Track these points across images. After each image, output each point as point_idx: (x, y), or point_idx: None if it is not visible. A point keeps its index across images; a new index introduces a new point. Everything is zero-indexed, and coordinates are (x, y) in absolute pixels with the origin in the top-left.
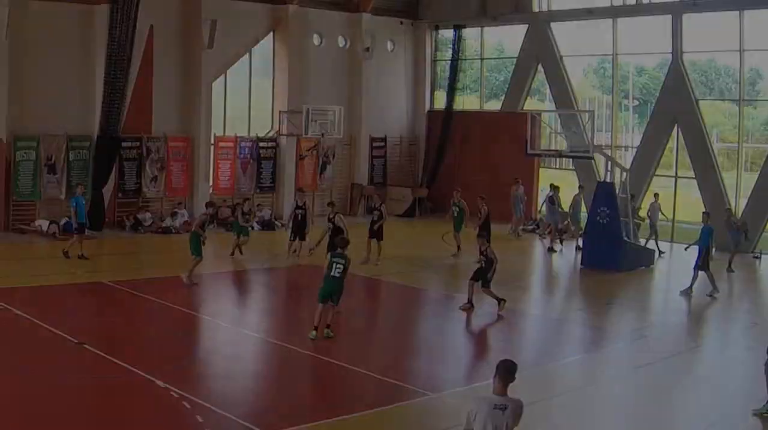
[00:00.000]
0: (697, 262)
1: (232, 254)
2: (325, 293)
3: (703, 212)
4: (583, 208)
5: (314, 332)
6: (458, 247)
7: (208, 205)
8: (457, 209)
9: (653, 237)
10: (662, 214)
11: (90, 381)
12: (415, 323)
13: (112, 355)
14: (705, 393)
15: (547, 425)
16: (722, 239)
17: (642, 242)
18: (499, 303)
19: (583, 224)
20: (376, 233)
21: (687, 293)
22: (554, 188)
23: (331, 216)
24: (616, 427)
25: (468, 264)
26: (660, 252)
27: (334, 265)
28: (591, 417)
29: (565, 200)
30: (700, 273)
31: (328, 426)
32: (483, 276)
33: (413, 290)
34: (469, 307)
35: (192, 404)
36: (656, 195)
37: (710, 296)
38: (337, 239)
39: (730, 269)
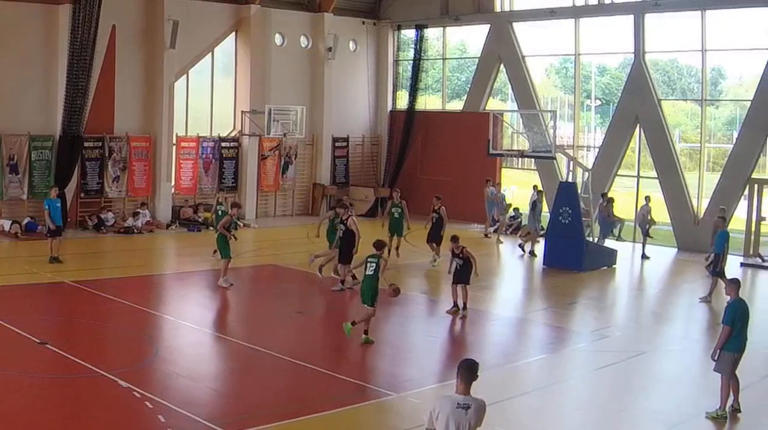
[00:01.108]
0: (714, 268)
1: (214, 253)
2: (365, 294)
3: (718, 217)
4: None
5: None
6: (389, 250)
7: (234, 205)
8: (399, 210)
9: (642, 240)
10: (651, 218)
11: (52, 381)
12: (378, 323)
13: (74, 355)
14: (667, 394)
15: (510, 425)
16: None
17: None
18: (462, 307)
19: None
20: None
21: (706, 300)
22: (539, 193)
23: (344, 218)
24: (578, 427)
25: (424, 265)
26: (645, 256)
27: (368, 264)
28: (553, 417)
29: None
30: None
31: (290, 426)
32: (463, 276)
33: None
34: (455, 310)
35: (154, 404)
36: (647, 198)
37: (703, 300)
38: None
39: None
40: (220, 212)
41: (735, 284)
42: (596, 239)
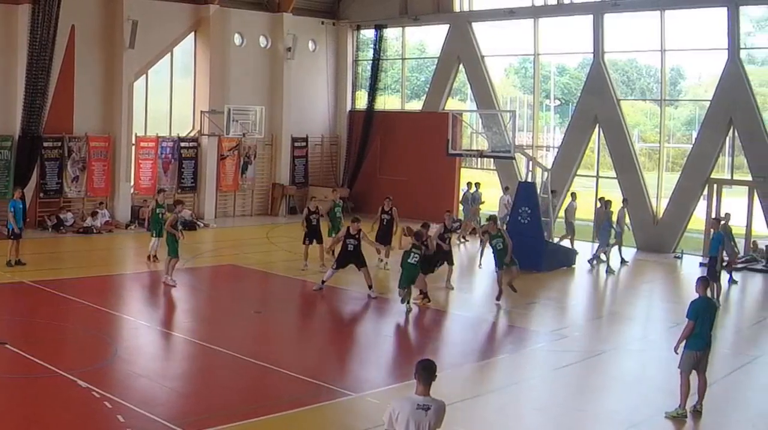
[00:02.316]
0: (709, 272)
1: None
2: (404, 279)
3: (713, 218)
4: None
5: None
6: (333, 252)
7: (177, 203)
8: (340, 209)
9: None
10: (626, 223)
11: (11, 381)
12: (338, 323)
13: (33, 355)
14: (626, 394)
15: (470, 425)
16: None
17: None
18: (424, 297)
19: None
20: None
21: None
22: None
23: (353, 232)
24: (538, 427)
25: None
26: (623, 260)
27: (412, 253)
28: (513, 417)
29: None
30: (723, 282)
31: (249, 426)
32: (429, 265)
33: (336, 290)
34: (423, 299)
35: (113, 404)
36: (625, 200)
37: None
38: (416, 232)
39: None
40: (159, 214)
41: (704, 282)
42: (599, 248)
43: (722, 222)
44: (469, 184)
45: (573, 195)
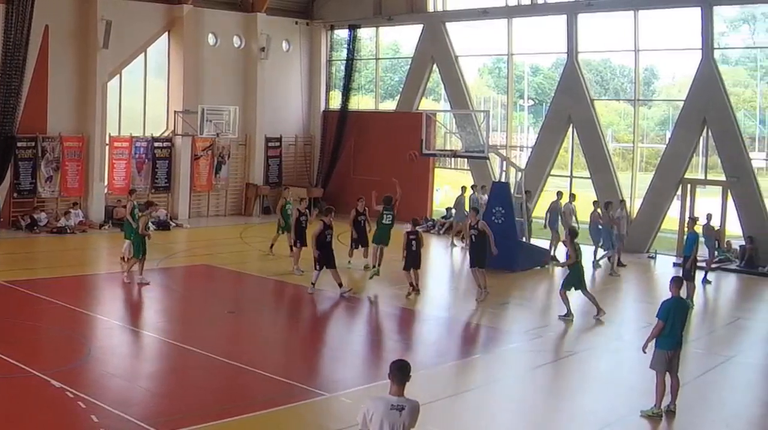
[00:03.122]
0: (685, 272)
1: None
2: (378, 237)
3: (689, 218)
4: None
5: (376, 268)
6: (272, 246)
7: (149, 204)
8: (291, 207)
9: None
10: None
11: None
12: (312, 323)
13: (6, 355)
14: (600, 394)
15: (444, 425)
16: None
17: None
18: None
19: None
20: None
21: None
22: (526, 193)
23: (329, 223)
24: (512, 427)
25: (357, 266)
26: (621, 264)
27: (385, 215)
28: (487, 417)
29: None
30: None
31: (224, 426)
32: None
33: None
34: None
35: (87, 404)
36: (622, 202)
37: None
38: (385, 197)
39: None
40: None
41: (676, 282)
42: (600, 252)
43: (707, 223)
44: (464, 188)
45: (621, 202)
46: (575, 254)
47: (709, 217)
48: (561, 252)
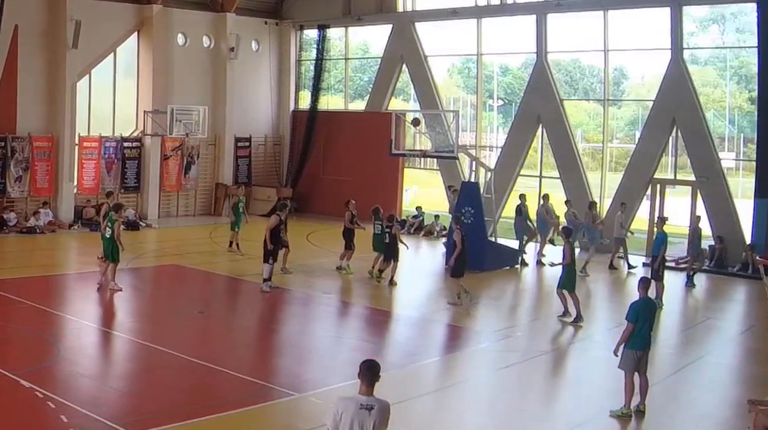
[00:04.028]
0: (653, 272)
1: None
2: (376, 246)
3: (658, 218)
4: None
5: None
6: (234, 244)
7: (117, 206)
8: (243, 205)
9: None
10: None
11: None
12: (280, 323)
13: None
14: (569, 394)
15: (413, 425)
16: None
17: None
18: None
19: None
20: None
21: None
22: (521, 197)
23: (284, 218)
24: (481, 427)
25: (328, 265)
26: (630, 266)
27: (375, 225)
28: (456, 417)
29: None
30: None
31: (194, 426)
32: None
33: (278, 290)
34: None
35: (57, 404)
36: (623, 205)
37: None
38: (373, 209)
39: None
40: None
41: (644, 282)
42: (590, 251)
43: (695, 225)
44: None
45: (623, 205)
46: (571, 254)
47: (697, 219)
48: (553, 252)
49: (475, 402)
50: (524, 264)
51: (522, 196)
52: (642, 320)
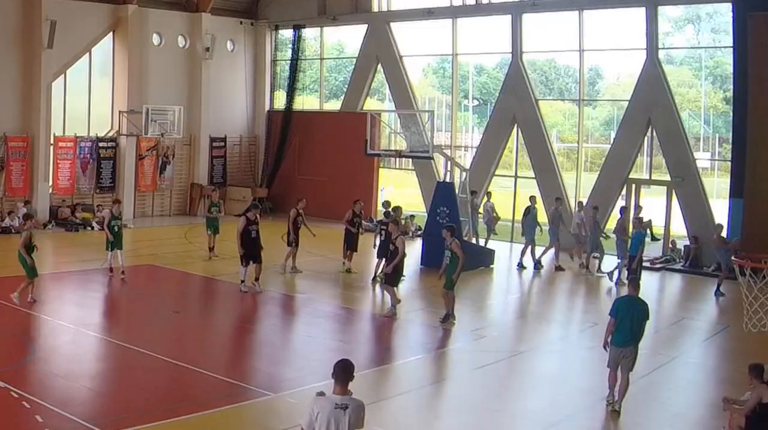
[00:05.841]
0: (630, 271)
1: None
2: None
3: (634, 218)
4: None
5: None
6: (211, 248)
7: (27, 217)
8: (217, 209)
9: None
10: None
11: None
12: (256, 323)
13: None
14: (545, 393)
15: (388, 425)
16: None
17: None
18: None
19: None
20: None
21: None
22: (531, 198)
23: (252, 218)
24: (456, 427)
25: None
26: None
27: (381, 232)
28: (431, 417)
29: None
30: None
31: (168, 426)
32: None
33: (255, 291)
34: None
35: (32, 404)
36: (596, 208)
37: None
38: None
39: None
40: (115, 226)
41: (632, 281)
42: (589, 253)
43: (717, 234)
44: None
45: (595, 208)
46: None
47: (719, 227)
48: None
49: (450, 402)
50: (523, 267)
51: (532, 198)
52: (623, 316)
